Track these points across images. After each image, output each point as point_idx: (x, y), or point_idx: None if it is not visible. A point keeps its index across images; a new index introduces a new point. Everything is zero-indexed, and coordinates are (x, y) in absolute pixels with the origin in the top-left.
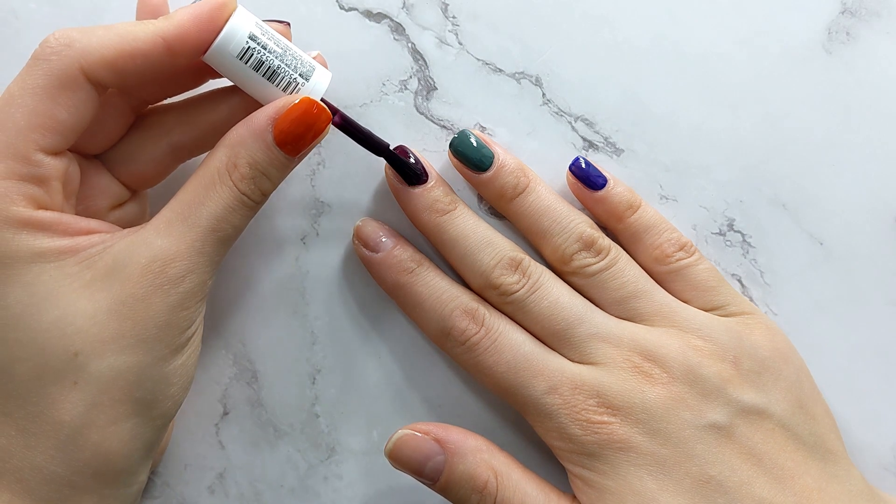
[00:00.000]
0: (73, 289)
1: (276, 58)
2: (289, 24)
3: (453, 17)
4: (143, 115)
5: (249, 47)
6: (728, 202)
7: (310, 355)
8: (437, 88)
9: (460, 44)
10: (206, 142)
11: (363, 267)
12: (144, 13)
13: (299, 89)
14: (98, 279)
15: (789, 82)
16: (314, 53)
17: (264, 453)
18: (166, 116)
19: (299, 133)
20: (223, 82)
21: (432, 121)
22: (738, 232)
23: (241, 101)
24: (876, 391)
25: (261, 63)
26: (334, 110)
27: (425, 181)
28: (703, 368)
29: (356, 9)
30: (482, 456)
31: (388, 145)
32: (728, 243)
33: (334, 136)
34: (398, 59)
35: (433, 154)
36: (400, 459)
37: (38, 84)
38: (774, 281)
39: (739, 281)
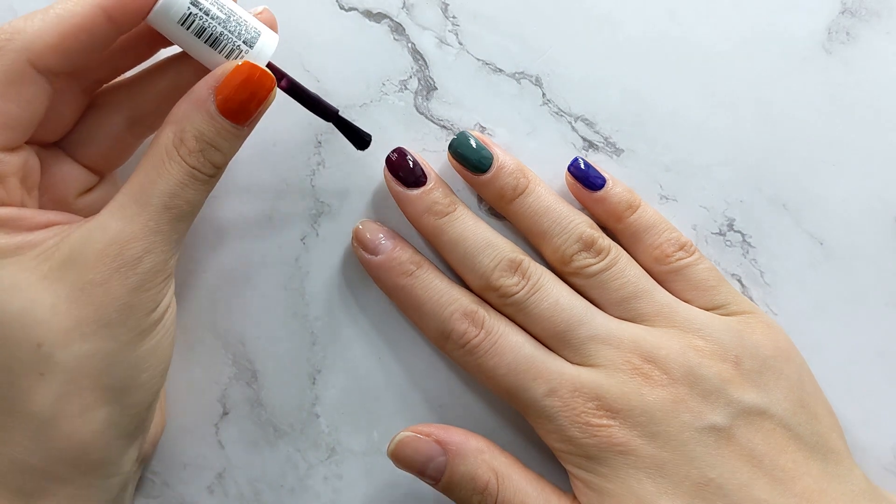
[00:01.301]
0: (32, 281)
1: (219, 24)
2: None
3: (453, 17)
4: (94, 95)
5: (191, 13)
6: (728, 202)
7: (310, 355)
8: (437, 88)
9: (460, 44)
10: (162, 113)
11: (363, 267)
12: None
13: (243, 56)
14: (55, 269)
15: (789, 82)
16: (259, 9)
17: (264, 453)
18: (117, 93)
19: (242, 100)
20: (173, 50)
21: (432, 121)
22: (738, 232)
23: (189, 68)
24: (876, 391)
25: (203, 30)
26: (280, 75)
27: (424, 183)
28: (704, 369)
29: (356, 9)
30: (483, 457)
31: (338, 111)
32: (728, 243)
33: (335, 136)
34: (398, 59)
35: (433, 154)
36: (402, 460)
37: None
38: (774, 281)
39: (739, 281)
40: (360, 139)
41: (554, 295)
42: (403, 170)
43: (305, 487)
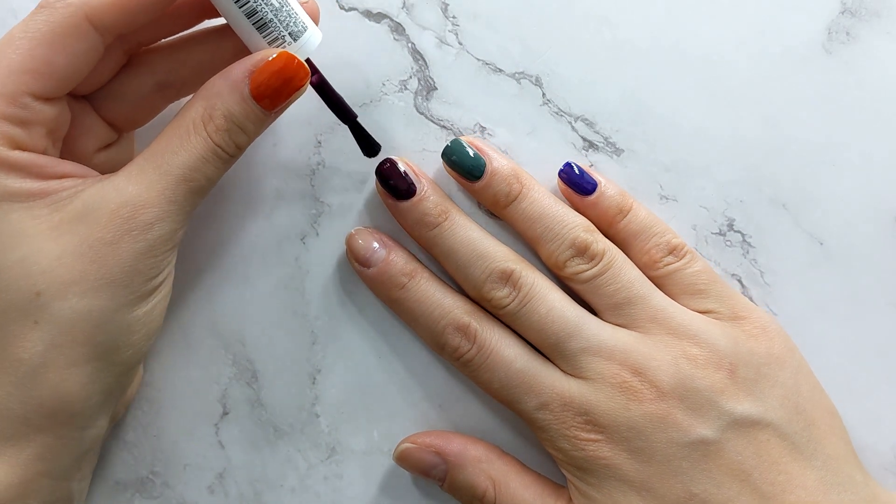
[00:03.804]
0: (41, 230)
1: (271, 11)
2: None
3: (453, 17)
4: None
5: None
6: (728, 202)
7: (310, 355)
8: (437, 88)
9: (460, 44)
10: (194, 82)
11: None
12: None
13: (285, 47)
14: (66, 222)
15: (789, 82)
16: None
17: (264, 453)
18: (153, 55)
19: (276, 87)
20: (217, 22)
21: (432, 121)
22: (738, 232)
23: (229, 44)
24: (876, 391)
25: (254, 12)
26: (314, 70)
27: (414, 193)
28: (696, 381)
29: (356, 9)
30: (481, 466)
31: (356, 116)
32: (728, 243)
33: (335, 136)
34: (398, 59)
35: (433, 154)
36: (405, 468)
37: (39, 29)
38: (774, 281)
39: (739, 281)
40: (370, 147)
41: (546, 305)
42: (393, 181)
43: (305, 487)
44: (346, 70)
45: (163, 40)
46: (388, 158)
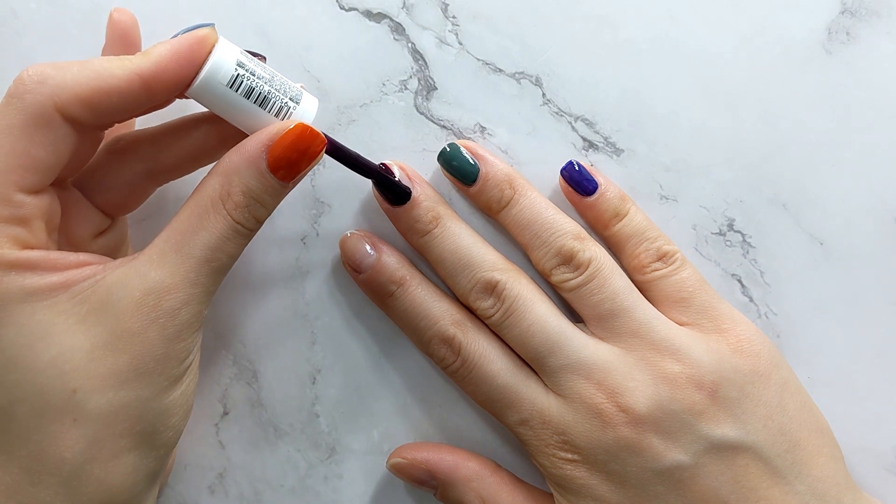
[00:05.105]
0: (69, 325)
1: (266, 83)
2: (265, 57)
3: (453, 17)
4: (117, 141)
5: (239, 74)
6: (728, 202)
7: (310, 355)
8: (437, 88)
9: (460, 44)
10: (182, 167)
11: None
12: (114, 33)
13: (291, 113)
14: (93, 313)
15: (789, 82)
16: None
17: (264, 453)
18: (140, 143)
19: (294, 159)
20: (200, 109)
21: (432, 121)
22: (738, 232)
23: (214, 127)
24: (876, 391)
25: (251, 90)
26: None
27: (407, 199)
28: (674, 403)
29: (356, 9)
30: (471, 485)
31: (378, 167)
32: (728, 243)
33: (335, 137)
34: (398, 59)
35: (433, 154)
36: (399, 478)
37: (13, 123)
38: (774, 281)
39: (739, 281)
40: (399, 195)
41: (528, 319)
42: (387, 186)
43: (305, 487)
44: (346, 70)
45: (148, 129)
46: (383, 163)
